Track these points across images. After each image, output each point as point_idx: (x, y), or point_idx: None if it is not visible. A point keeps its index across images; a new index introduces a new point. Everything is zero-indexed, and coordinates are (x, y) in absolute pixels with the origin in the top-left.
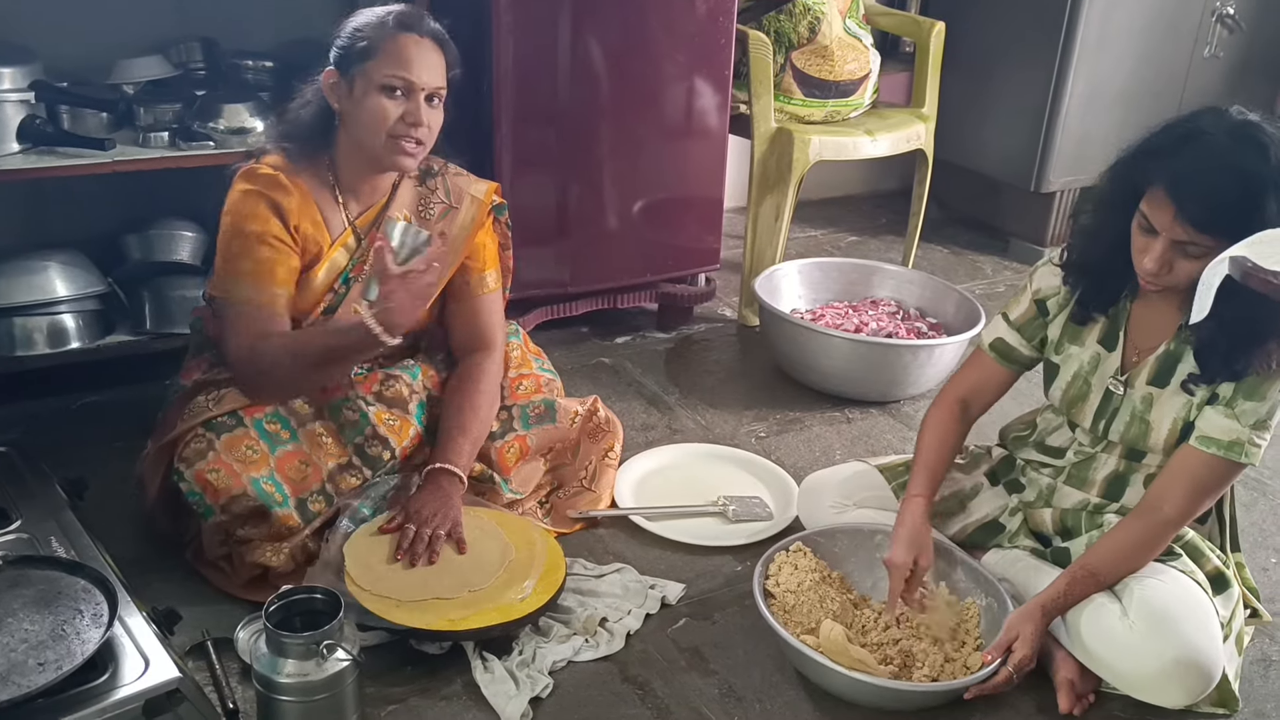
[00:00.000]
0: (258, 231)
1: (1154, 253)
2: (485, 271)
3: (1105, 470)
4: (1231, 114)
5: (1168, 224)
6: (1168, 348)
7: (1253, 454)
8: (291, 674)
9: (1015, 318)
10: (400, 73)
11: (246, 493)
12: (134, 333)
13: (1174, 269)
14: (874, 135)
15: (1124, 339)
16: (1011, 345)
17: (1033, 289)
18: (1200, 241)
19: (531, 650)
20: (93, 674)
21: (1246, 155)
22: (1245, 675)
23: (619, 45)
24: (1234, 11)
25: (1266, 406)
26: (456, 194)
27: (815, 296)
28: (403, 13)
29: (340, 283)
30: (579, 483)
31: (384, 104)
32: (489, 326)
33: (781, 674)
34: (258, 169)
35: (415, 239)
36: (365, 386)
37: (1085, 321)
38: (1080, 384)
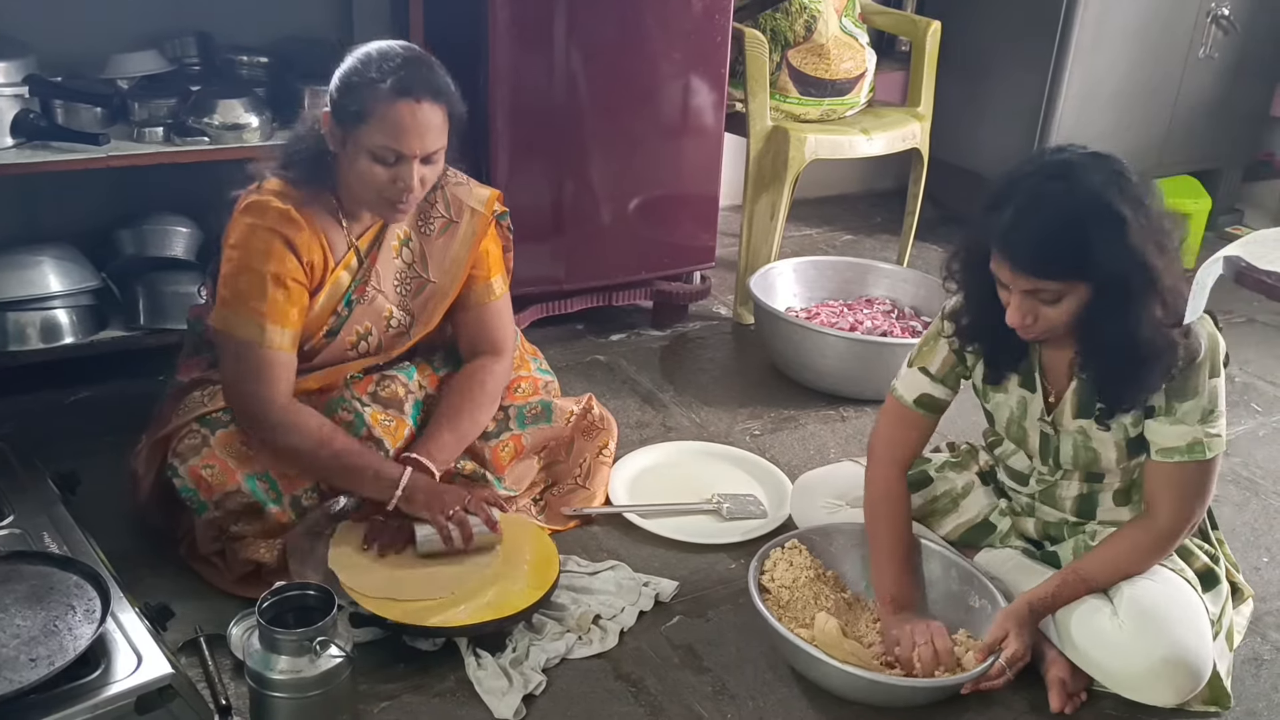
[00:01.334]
0: (273, 272)
1: (1013, 306)
2: (491, 279)
3: (1071, 493)
4: (1046, 155)
5: (1010, 277)
6: (1079, 379)
7: (1214, 445)
8: (284, 670)
9: (936, 370)
10: (392, 145)
11: (240, 489)
12: (127, 328)
13: (1039, 317)
14: (869, 134)
15: (1040, 382)
16: (936, 397)
17: (946, 338)
18: (1045, 287)
19: (525, 647)
20: (85, 670)
21: (1054, 192)
22: (1237, 674)
23: (615, 43)
24: (1229, 12)
25: (1205, 398)
26: (456, 207)
27: (810, 295)
28: (401, 76)
29: (343, 305)
30: (573, 480)
31: (375, 169)
32: (498, 332)
33: (774, 671)
34: (268, 203)
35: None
36: (360, 387)
37: (999, 381)
38: (1016, 428)
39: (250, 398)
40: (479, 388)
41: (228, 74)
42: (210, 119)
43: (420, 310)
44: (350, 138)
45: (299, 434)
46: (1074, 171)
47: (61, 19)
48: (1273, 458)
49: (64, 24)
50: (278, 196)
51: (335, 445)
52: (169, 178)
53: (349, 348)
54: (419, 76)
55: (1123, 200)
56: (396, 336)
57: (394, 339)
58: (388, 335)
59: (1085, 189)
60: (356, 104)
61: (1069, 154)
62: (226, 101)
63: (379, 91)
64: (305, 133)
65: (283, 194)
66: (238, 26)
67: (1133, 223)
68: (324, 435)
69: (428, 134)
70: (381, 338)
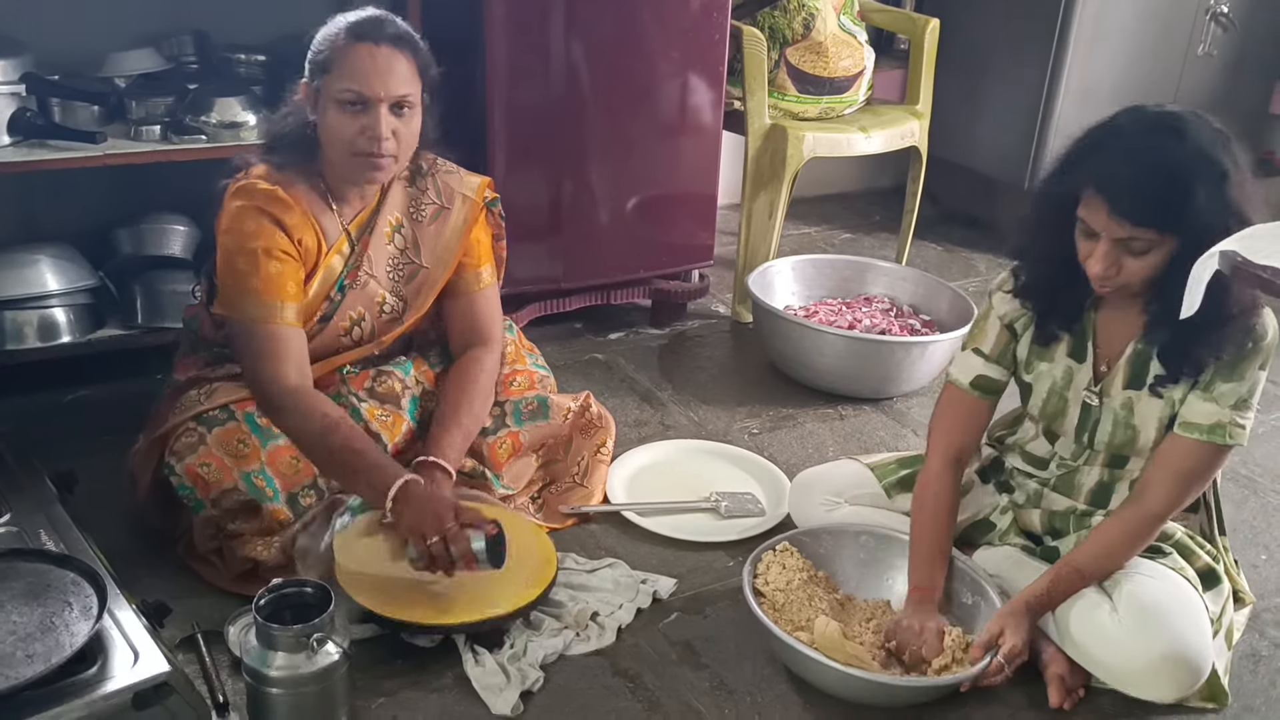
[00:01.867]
0: (264, 247)
1: (1098, 255)
2: (481, 267)
3: (1090, 481)
4: (1149, 108)
5: (1104, 223)
6: (1135, 348)
7: (1237, 434)
8: (281, 667)
9: (990, 349)
10: (353, 86)
11: (237, 487)
12: (125, 327)
13: (1122, 268)
14: (868, 132)
15: (1092, 350)
16: (993, 378)
17: (997, 313)
18: (1139, 235)
19: (523, 644)
20: (81, 666)
21: (1166, 143)
22: (1235, 671)
23: (612, 40)
24: (1228, 9)
25: (1246, 386)
26: (447, 194)
27: (809, 293)
28: (359, 21)
29: (335, 290)
30: (571, 478)
31: (342, 120)
32: (487, 322)
33: (773, 667)
34: (255, 185)
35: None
36: (357, 383)
37: (1049, 342)
38: (1056, 399)
39: (260, 377)
40: (472, 381)
41: (225, 72)
42: (208, 117)
43: (413, 296)
44: (320, 95)
45: (303, 419)
46: (1185, 125)
47: (59, 17)
48: (1271, 455)
49: (61, 22)
50: (264, 179)
51: (335, 440)
52: (166, 176)
53: (342, 333)
54: (377, 23)
55: (1227, 157)
56: (389, 322)
57: (387, 324)
58: (380, 321)
59: (1195, 142)
60: (321, 55)
61: (1172, 108)
62: (224, 100)
63: (339, 38)
64: (288, 112)
65: (269, 177)
66: (235, 25)
67: (1234, 180)
68: (327, 425)
69: (389, 76)
70: (374, 323)
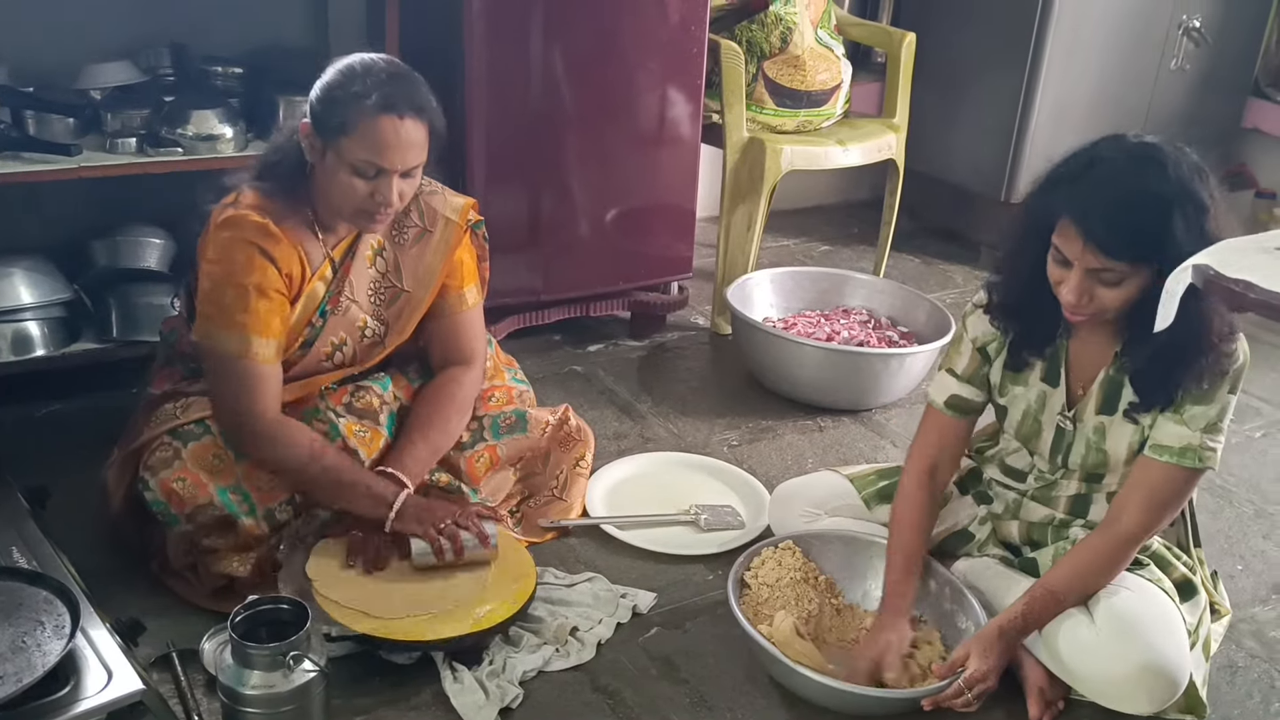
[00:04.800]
0: (256, 283)
1: (1070, 284)
2: (465, 288)
3: (1068, 492)
4: (1129, 138)
5: (1078, 253)
6: (1108, 374)
7: (1208, 457)
8: (257, 685)
9: (963, 370)
10: (374, 160)
11: (212, 502)
12: (100, 340)
13: (1094, 298)
14: (845, 145)
15: (1066, 374)
16: (967, 398)
17: (970, 337)
18: (1113, 267)
19: (502, 660)
20: (54, 686)
21: (1148, 176)
22: (1212, 682)
23: (591, 54)
24: (1200, 25)
25: (1216, 409)
26: (430, 216)
27: (787, 305)
28: (386, 92)
29: (317, 316)
30: (550, 492)
31: (355, 183)
32: (470, 342)
33: (752, 682)
34: (246, 217)
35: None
36: (335, 398)
37: (1021, 368)
38: (1031, 422)
39: (238, 412)
40: (449, 398)
41: (202, 84)
42: (184, 130)
43: (394, 319)
44: (331, 150)
45: (289, 448)
46: (1166, 158)
47: (34, 29)
48: (1246, 466)
49: (36, 34)
50: (255, 210)
51: (326, 460)
52: (143, 189)
53: (324, 358)
54: (403, 92)
55: (1205, 190)
56: (371, 346)
57: (369, 349)
58: (362, 345)
59: (1176, 175)
60: (339, 117)
61: (1154, 140)
62: (200, 112)
63: (364, 106)
64: (282, 143)
65: (259, 207)
66: (212, 37)
67: (1211, 212)
68: (315, 450)
69: (410, 150)
70: (356, 348)
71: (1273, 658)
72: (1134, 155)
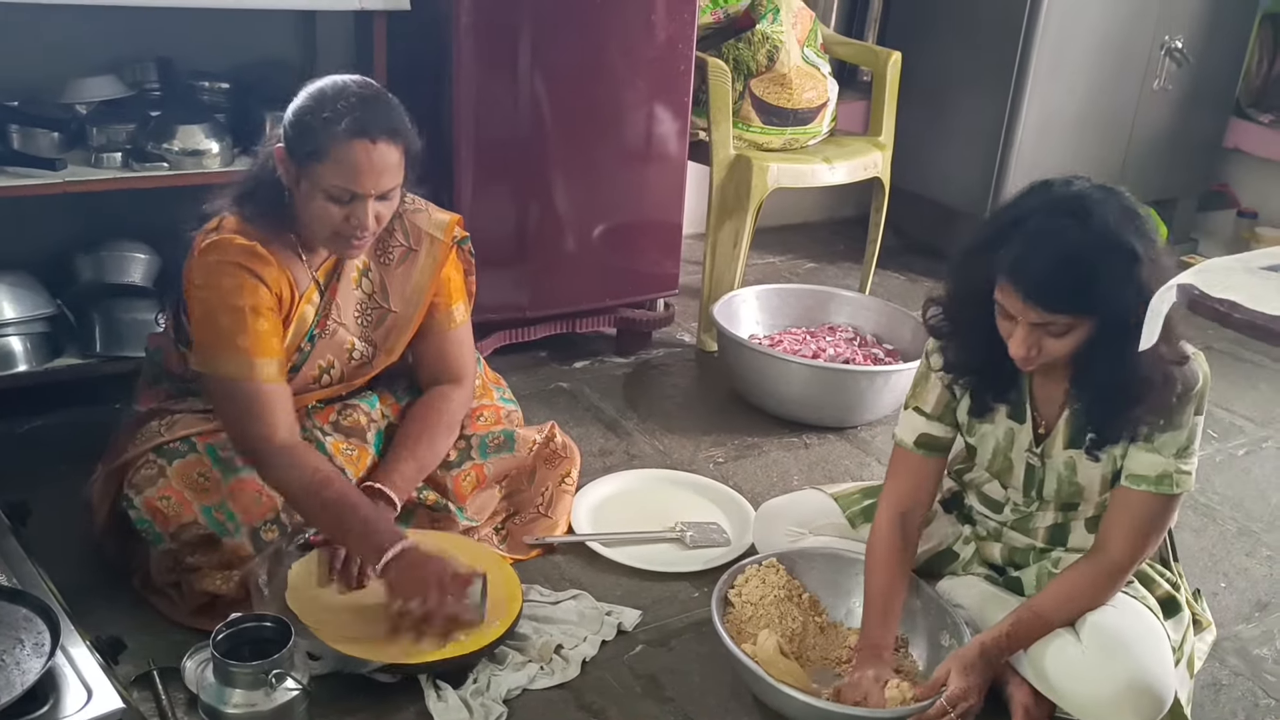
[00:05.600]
0: (252, 305)
1: (1018, 339)
2: (453, 306)
3: (1045, 523)
4: (1055, 188)
5: (1019, 309)
6: (1073, 409)
7: (1183, 482)
8: (239, 704)
9: (931, 409)
10: (348, 185)
11: (197, 521)
12: (83, 355)
13: (1043, 349)
14: (832, 163)
15: (1031, 411)
16: (936, 436)
17: (935, 374)
18: (1055, 320)
19: (486, 678)
20: (33, 705)
21: (1068, 228)
22: (1196, 699)
23: (579, 72)
24: (1182, 46)
25: (1184, 433)
26: (415, 235)
27: (773, 322)
28: (356, 117)
29: (306, 340)
30: (535, 509)
31: (329, 208)
32: (459, 360)
33: (738, 700)
34: (231, 241)
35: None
36: (322, 417)
37: (984, 413)
38: (1001, 459)
39: (249, 435)
40: (438, 416)
41: (188, 99)
42: (170, 145)
43: (382, 341)
44: (305, 176)
45: (297, 471)
46: (1089, 206)
47: (19, 43)
48: (1229, 484)
49: (21, 48)
50: (239, 234)
51: (330, 494)
52: (128, 204)
53: (311, 382)
54: (374, 116)
55: (1136, 237)
56: (359, 367)
57: (356, 370)
58: (350, 367)
59: (1101, 224)
60: (311, 144)
61: (1079, 187)
62: (186, 127)
63: (335, 132)
64: (259, 169)
65: (243, 232)
66: (199, 52)
67: (1144, 259)
68: (320, 479)
69: (383, 174)
70: (344, 369)
71: (1256, 675)
72: (1056, 209)
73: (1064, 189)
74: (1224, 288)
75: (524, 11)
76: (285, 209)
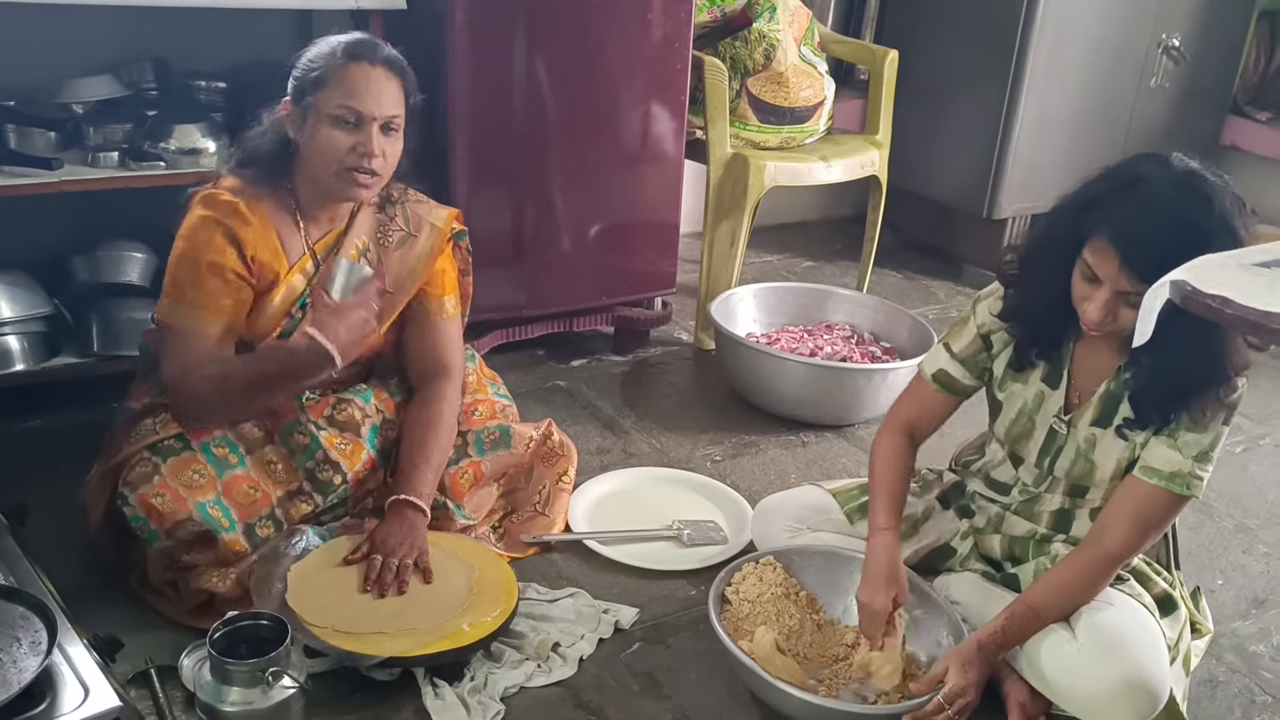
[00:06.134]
0: (212, 262)
1: (1098, 302)
2: (444, 297)
3: (1051, 507)
4: (1173, 162)
5: (1113, 275)
6: (1108, 388)
7: (1195, 486)
8: (237, 702)
9: (959, 350)
10: (350, 103)
11: (192, 518)
12: (80, 355)
13: (1118, 317)
14: (829, 161)
15: (1067, 379)
16: (954, 376)
17: (976, 321)
18: (1143, 290)
19: (483, 676)
20: (30, 704)
21: (1192, 207)
22: (1193, 696)
23: (575, 70)
24: (1179, 44)
25: (1209, 438)
26: (415, 222)
27: (770, 320)
28: (354, 42)
29: (297, 308)
30: (532, 507)
31: (335, 135)
32: (448, 352)
33: (735, 699)
34: (218, 195)
35: (355, 277)
36: (317, 411)
37: (1024, 368)
38: (1025, 421)
39: (171, 369)
40: (438, 416)
41: (185, 99)
42: (166, 144)
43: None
44: (310, 113)
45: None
46: (1212, 191)
47: (16, 43)
48: (1226, 481)
49: (18, 48)
50: (231, 191)
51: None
52: (125, 203)
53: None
54: (372, 46)
55: (1242, 225)
56: None
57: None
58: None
59: (1220, 210)
60: (315, 72)
61: (1197, 167)
62: (183, 126)
63: (335, 59)
64: (263, 130)
65: (237, 189)
66: (195, 52)
67: (1244, 245)
68: (246, 360)
69: (384, 97)
70: None
71: (1253, 672)
72: (1179, 184)
73: (1182, 164)
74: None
75: (520, 10)
76: (287, 170)
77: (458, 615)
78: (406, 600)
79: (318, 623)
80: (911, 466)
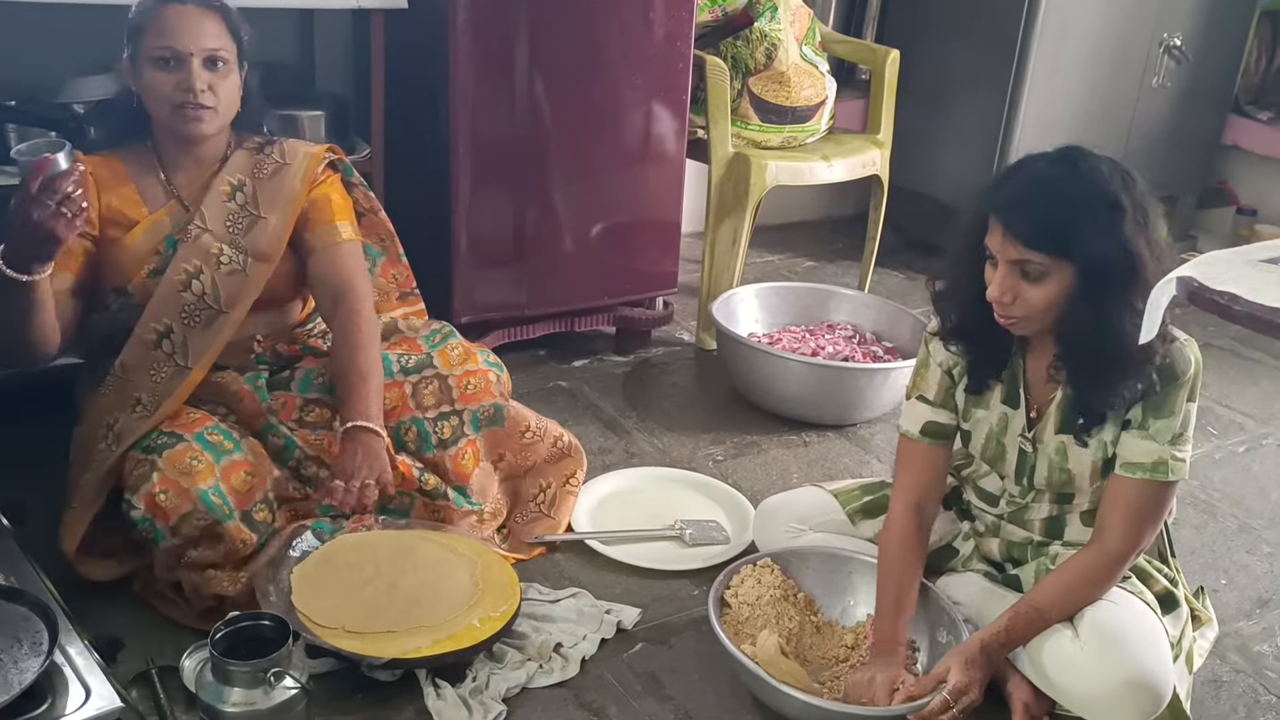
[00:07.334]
0: None
1: (996, 279)
2: (335, 223)
3: (1040, 514)
4: (1060, 148)
5: (1000, 245)
6: (1064, 393)
7: (1178, 469)
8: (238, 703)
9: (934, 396)
10: (164, 42)
11: (196, 509)
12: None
13: (1019, 295)
14: (830, 161)
15: (1024, 396)
16: (942, 423)
17: (935, 360)
18: (1031, 258)
19: (485, 677)
20: (31, 705)
21: (1062, 173)
22: (1196, 696)
23: (577, 69)
24: (1181, 43)
25: (1178, 420)
26: (290, 153)
27: (772, 320)
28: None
29: (166, 245)
30: (537, 507)
31: (159, 77)
32: (351, 275)
33: (738, 699)
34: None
35: (32, 154)
36: (285, 414)
37: (982, 390)
38: (995, 445)
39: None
40: (357, 332)
41: None
42: None
43: (253, 245)
44: (136, 60)
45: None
46: (1082, 156)
47: (16, 42)
48: (1229, 480)
49: (18, 47)
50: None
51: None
52: None
53: (181, 288)
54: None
55: (1122, 190)
56: (232, 275)
57: (230, 279)
58: (221, 274)
59: (1089, 170)
60: (134, 24)
61: (1079, 147)
62: None
63: (148, 6)
64: (116, 93)
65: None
66: None
67: (1129, 214)
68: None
69: (199, 32)
70: (214, 275)
71: (1257, 672)
72: (1053, 158)
73: (1067, 148)
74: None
75: (521, 9)
76: (143, 121)
77: (467, 611)
78: (414, 598)
79: (326, 624)
80: (923, 554)
